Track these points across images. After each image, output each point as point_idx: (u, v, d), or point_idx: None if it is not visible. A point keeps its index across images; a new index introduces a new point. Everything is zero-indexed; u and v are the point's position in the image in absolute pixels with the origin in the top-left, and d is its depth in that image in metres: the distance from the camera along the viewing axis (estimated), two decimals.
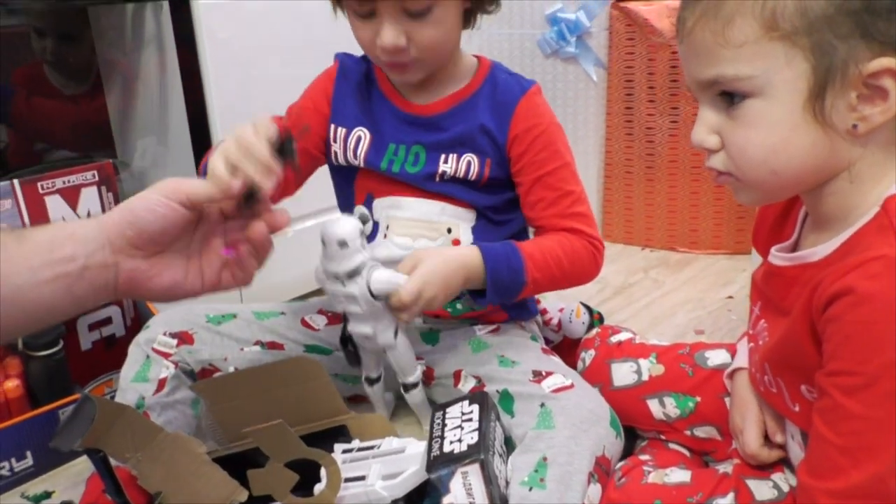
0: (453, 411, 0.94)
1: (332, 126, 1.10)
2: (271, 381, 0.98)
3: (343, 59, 1.14)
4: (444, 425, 0.92)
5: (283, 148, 0.78)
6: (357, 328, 1.00)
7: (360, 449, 0.96)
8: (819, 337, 0.67)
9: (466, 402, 0.95)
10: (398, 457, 0.92)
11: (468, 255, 0.99)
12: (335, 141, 1.10)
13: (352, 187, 1.13)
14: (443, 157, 1.06)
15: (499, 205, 1.09)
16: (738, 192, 0.74)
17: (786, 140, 0.67)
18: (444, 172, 1.06)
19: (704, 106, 0.72)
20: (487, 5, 1.04)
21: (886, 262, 0.62)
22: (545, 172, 1.05)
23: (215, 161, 0.77)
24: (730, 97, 0.69)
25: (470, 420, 0.91)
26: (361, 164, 1.09)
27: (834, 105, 0.65)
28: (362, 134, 1.09)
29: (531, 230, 1.14)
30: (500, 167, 1.06)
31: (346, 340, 1.04)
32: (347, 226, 0.94)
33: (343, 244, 0.93)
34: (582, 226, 1.06)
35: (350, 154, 1.09)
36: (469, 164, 1.05)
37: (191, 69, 1.39)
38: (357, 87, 1.11)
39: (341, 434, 1.00)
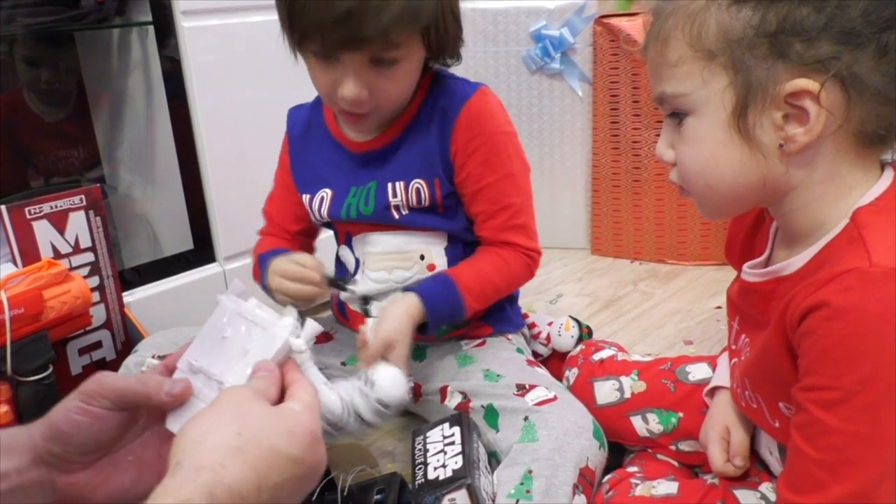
0: (434, 435, 0.93)
1: (300, 195, 1.13)
2: None
3: (291, 119, 1.16)
4: (425, 451, 0.91)
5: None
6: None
7: None
8: (794, 352, 0.67)
9: (447, 425, 0.94)
10: None
11: (415, 310, 0.98)
12: (306, 205, 1.12)
13: (335, 230, 1.17)
14: (390, 188, 1.05)
15: (466, 225, 1.09)
16: (697, 205, 0.76)
17: (715, 156, 0.69)
18: (397, 206, 1.05)
19: (665, 121, 0.74)
20: (448, 59, 1.03)
21: (859, 274, 0.62)
22: (484, 185, 1.05)
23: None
24: (678, 115, 0.71)
25: (452, 443, 0.90)
26: (327, 219, 1.12)
27: (758, 123, 0.66)
28: (325, 194, 1.10)
29: None
30: (451, 181, 1.06)
31: None
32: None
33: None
34: (519, 238, 1.07)
35: (317, 214, 1.11)
36: (419, 190, 1.05)
37: (176, 91, 1.40)
38: (310, 141, 1.13)
39: None
